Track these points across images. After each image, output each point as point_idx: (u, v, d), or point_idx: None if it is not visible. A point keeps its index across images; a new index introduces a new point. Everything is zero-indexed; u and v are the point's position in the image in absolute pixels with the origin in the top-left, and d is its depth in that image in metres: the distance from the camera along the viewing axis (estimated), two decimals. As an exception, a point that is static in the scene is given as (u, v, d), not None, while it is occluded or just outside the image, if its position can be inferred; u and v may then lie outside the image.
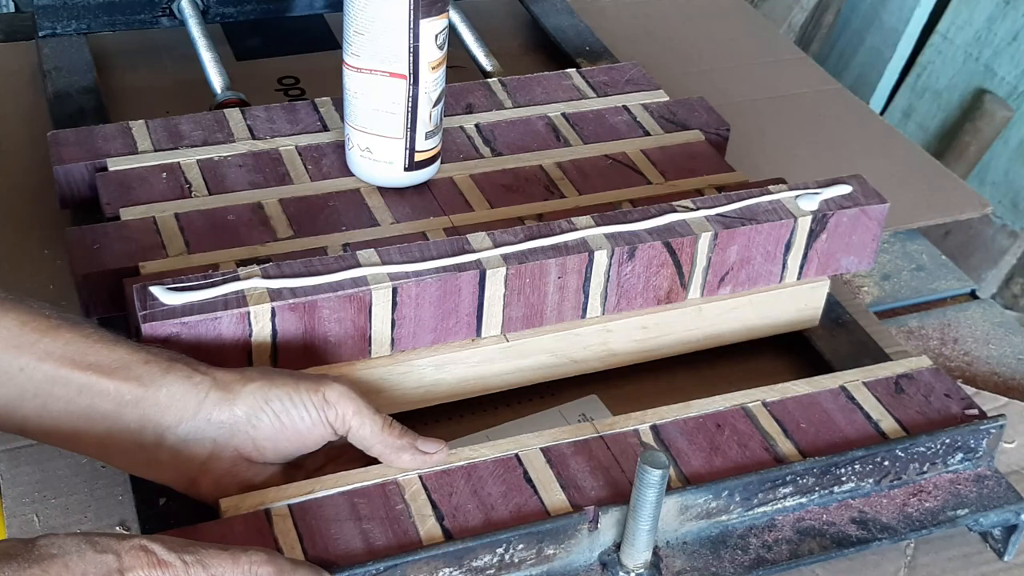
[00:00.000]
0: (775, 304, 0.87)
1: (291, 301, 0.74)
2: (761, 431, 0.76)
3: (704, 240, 0.82)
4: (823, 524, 0.74)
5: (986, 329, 0.99)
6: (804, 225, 0.84)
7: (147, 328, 0.71)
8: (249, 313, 0.73)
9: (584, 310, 0.82)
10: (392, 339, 0.78)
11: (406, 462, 0.70)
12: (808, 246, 0.85)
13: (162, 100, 1.12)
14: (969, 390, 0.88)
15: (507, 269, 0.78)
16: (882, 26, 2.13)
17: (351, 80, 0.88)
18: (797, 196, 0.85)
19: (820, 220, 0.84)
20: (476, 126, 1.00)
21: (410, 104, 0.88)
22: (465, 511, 0.69)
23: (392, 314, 0.77)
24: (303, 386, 0.69)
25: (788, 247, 0.85)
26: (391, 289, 0.76)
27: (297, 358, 0.76)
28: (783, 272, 0.86)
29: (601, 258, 0.80)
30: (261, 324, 0.74)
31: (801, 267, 0.86)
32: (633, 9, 1.35)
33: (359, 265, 0.77)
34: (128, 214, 0.86)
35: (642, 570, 0.69)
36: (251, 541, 0.66)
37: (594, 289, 0.81)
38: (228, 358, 0.73)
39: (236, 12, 1.20)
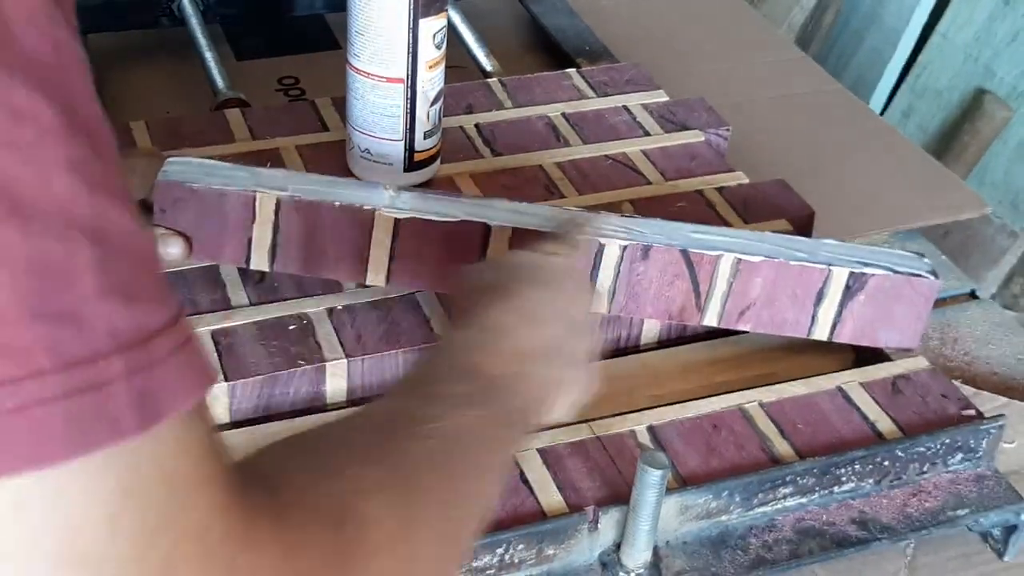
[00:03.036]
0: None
1: (297, 198, 0.76)
2: (758, 432, 0.76)
3: (726, 261, 0.77)
4: (823, 524, 0.74)
5: (986, 329, 0.99)
6: (840, 278, 0.79)
7: (158, 189, 0.75)
8: (255, 199, 0.76)
9: None
10: (388, 270, 0.78)
11: None
12: (843, 304, 0.79)
13: (162, 100, 1.12)
14: (969, 390, 0.88)
15: (513, 228, 0.77)
16: (882, 26, 2.13)
17: (352, 81, 0.89)
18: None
19: (858, 277, 0.79)
20: (476, 126, 1.00)
21: (408, 105, 0.88)
22: (464, 511, 0.69)
23: (392, 244, 0.77)
24: None
25: (820, 297, 0.79)
26: (393, 220, 0.76)
27: (294, 260, 0.78)
28: (812, 324, 0.80)
29: (612, 249, 0.77)
30: (265, 214, 0.76)
31: (834, 326, 0.80)
32: (633, 9, 1.35)
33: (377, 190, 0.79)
34: (128, 214, 0.86)
35: (642, 570, 0.69)
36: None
37: (602, 282, 0.78)
38: (229, 240, 0.77)
39: (237, 12, 1.20)
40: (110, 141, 0.34)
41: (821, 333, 0.80)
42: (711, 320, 0.79)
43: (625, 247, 0.77)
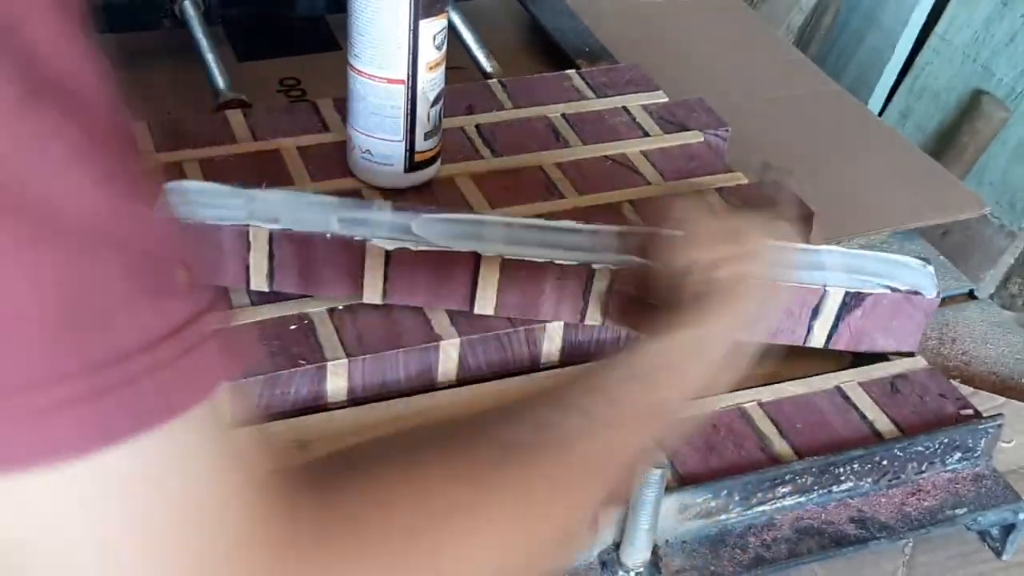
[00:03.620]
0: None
1: (289, 231, 0.78)
2: (756, 431, 0.76)
3: None
4: (822, 523, 0.74)
5: (984, 329, 1.00)
6: (835, 297, 0.80)
7: None
8: (248, 231, 0.77)
9: (583, 315, 0.82)
10: (384, 291, 0.80)
11: None
12: (839, 317, 0.81)
13: (164, 101, 1.12)
14: (967, 390, 0.88)
15: (503, 258, 0.79)
16: (880, 27, 2.13)
17: (353, 82, 0.89)
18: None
19: (855, 296, 0.80)
20: (476, 127, 1.00)
21: (408, 105, 0.88)
22: (465, 510, 0.69)
23: (385, 269, 0.79)
24: None
25: (815, 313, 0.81)
26: (384, 252, 0.78)
27: (292, 282, 0.80)
28: (808, 336, 0.82)
29: (604, 272, 0.79)
30: (259, 244, 0.77)
31: (830, 336, 0.82)
32: (633, 10, 1.35)
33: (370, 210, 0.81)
34: (130, 215, 0.86)
35: (641, 569, 0.70)
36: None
37: (594, 299, 0.80)
38: (228, 266, 0.78)
39: (238, 13, 1.20)
40: (134, 143, 0.35)
41: (817, 342, 0.82)
42: None
43: (617, 270, 0.78)
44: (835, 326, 0.82)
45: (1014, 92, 1.97)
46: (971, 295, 1.04)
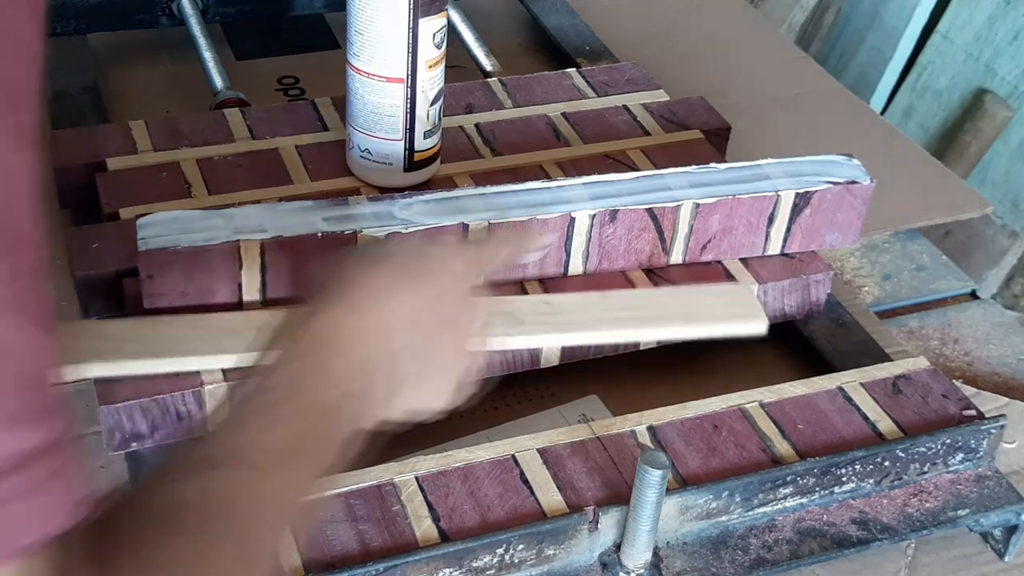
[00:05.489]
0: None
1: (280, 237, 0.77)
2: (758, 432, 0.76)
3: (686, 208, 0.84)
4: (823, 524, 0.74)
5: (986, 329, 0.99)
6: (787, 200, 0.86)
7: (143, 257, 0.75)
8: (240, 247, 0.76)
9: (566, 267, 0.84)
10: None
11: None
12: (792, 220, 0.87)
13: (162, 100, 1.12)
14: (969, 390, 0.88)
15: (489, 224, 0.80)
16: (883, 26, 2.13)
17: (352, 81, 0.89)
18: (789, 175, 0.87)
19: (803, 196, 0.86)
20: (476, 126, 1.00)
21: (408, 104, 0.88)
22: (461, 512, 0.69)
23: None
24: None
25: (771, 220, 0.86)
26: (375, 240, 0.78)
27: (284, 291, 0.79)
28: (766, 244, 0.88)
29: (583, 218, 0.82)
30: (251, 259, 0.77)
31: (785, 240, 0.88)
32: (633, 9, 1.35)
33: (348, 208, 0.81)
34: (128, 214, 0.86)
35: (642, 570, 0.69)
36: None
37: (576, 247, 0.83)
38: (219, 288, 0.77)
39: (236, 11, 1.20)
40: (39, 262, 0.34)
41: (774, 249, 0.88)
42: (677, 259, 0.86)
43: (594, 215, 0.82)
44: (788, 229, 0.87)
45: (1017, 91, 1.97)
46: (973, 295, 1.04)
